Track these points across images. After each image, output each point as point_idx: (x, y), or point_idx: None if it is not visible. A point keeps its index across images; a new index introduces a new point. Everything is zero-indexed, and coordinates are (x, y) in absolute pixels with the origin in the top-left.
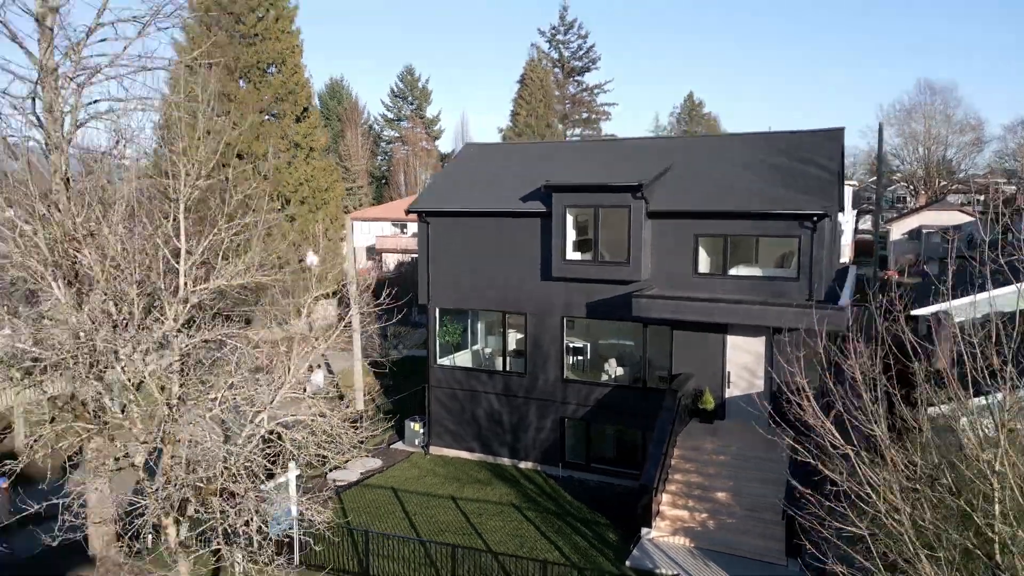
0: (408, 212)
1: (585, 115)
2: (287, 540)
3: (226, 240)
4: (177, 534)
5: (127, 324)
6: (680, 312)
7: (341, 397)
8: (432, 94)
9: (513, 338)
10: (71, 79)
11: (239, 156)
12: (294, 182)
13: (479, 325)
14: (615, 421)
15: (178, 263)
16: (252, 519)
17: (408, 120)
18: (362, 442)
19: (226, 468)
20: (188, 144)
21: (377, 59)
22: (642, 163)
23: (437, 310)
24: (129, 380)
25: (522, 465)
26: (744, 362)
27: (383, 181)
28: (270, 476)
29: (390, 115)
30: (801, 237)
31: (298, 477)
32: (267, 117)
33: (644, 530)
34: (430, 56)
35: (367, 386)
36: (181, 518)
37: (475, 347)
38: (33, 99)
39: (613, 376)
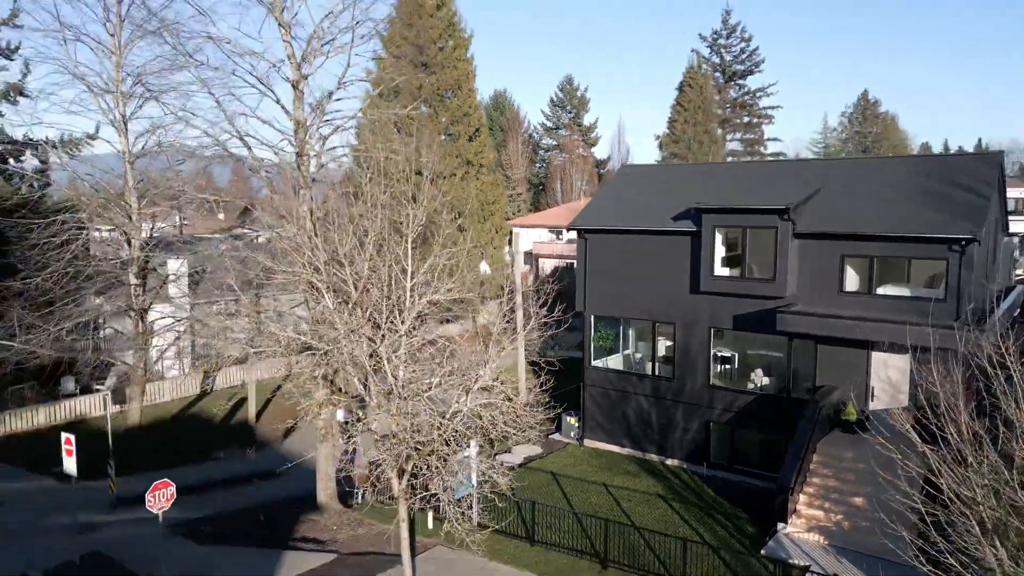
0: (568, 229)
1: (747, 119)
2: (468, 503)
3: (440, 263)
4: (400, 483)
5: (375, 325)
6: (824, 328)
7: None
8: (590, 102)
9: (662, 345)
10: (318, 129)
11: (418, 172)
12: (466, 196)
13: (630, 332)
14: (760, 427)
15: (406, 281)
16: (458, 475)
17: (566, 128)
18: (539, 423)
19: (439, 435)
20: (415, 192)
21: (539, 70)
22: (791, 185)
23: (592, 317)
24: (371, 367)
25: (669, 462)
26: (889, 377)
27: (540, 188)
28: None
29: (549, 124)
30: (949, 260)
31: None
32: (443, 138)
33: (780, 525)
34: (589, 65)
35: (527, 382)
36: (405, 470)
37: (627, 352)
38: (298, 154)
39: (759, 385)
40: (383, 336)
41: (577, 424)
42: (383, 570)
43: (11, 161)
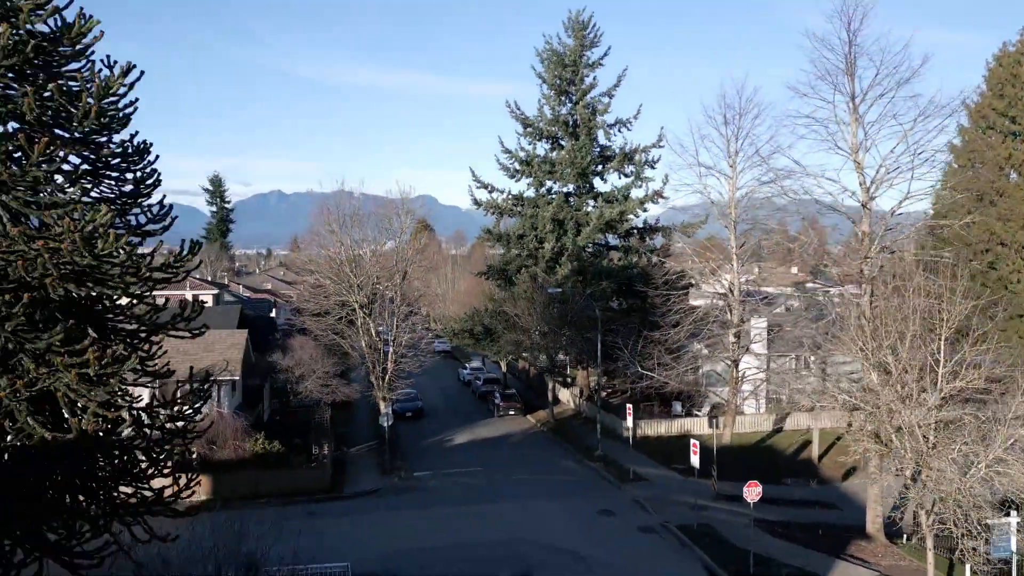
0: None
1: None
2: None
3: (968, 356)
4: (928, 522)
5: (909, 397)
6: None
7: None
8: None
9: None
10: (880, 238)
11: (1001, 244)
12: None
13: None
14: None
15: (938, 369)
16: (994, 535)
17: None
18: None
19: (959, 490)
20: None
21: None
22: None
23: None
24: (907, 430)
25: None
26: None
27: None
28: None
29: None
30: None
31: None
32: None
33: None
34: None
35: None
36: (930, 510)
37: None
38: (863, 256)
39: None
40: (916, 407)
41: None
42: None
43: (646, 239)
